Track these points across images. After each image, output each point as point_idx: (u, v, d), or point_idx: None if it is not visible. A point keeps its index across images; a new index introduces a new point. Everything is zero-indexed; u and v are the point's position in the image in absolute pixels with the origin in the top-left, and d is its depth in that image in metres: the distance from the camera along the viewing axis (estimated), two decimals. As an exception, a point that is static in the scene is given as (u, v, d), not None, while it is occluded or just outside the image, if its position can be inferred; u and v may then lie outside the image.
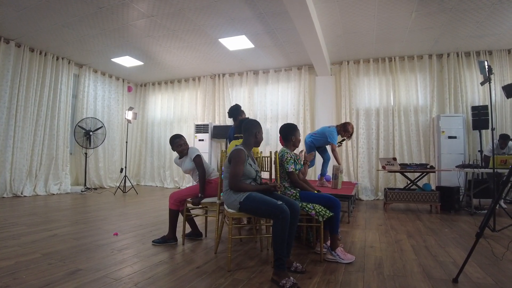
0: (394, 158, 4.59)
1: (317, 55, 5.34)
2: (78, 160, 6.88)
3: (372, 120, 6.14)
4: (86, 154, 6.72)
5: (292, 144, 2.59)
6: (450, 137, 5.36)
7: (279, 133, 2.66)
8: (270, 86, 6.97)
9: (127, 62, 6.63)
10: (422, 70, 5.93)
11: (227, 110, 3.64)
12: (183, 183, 7.49)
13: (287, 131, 2.59)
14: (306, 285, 1.84)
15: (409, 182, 4.77)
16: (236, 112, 3.55)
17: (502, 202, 4.43)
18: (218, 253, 2.45)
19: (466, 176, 4.78)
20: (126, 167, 6.71)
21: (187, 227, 2.87)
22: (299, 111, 6.59)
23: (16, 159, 5.51)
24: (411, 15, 4.38)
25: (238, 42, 5.45)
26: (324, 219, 2.25)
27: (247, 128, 2.27)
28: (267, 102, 6.99)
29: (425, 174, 4.93)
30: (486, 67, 3.13)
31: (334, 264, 2.21)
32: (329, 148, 4.53)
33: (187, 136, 7.08)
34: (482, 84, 3.29)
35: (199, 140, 7.07)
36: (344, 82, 6.30)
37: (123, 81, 7.99)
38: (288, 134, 2.58)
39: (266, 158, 2.79)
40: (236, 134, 3.34)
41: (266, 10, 4.30)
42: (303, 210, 2.31)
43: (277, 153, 2.53)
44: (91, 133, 6.71)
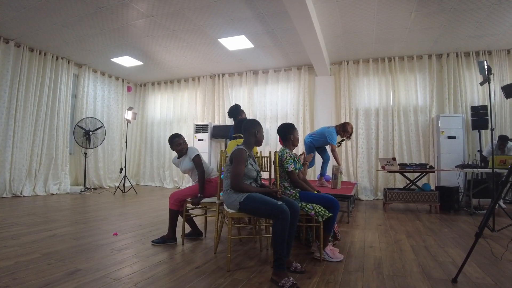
0: (394, 158, 4.60)
1: (316, 55, 5.34)
2: (78, 160, 6.88)
3: (371, 120, 6.15)
4: (85, 154, 6.72)
5: (291, 143, 2.59)
6: (449, 137, 5.36)
7: (277, 133, 2.66)
8: (270, 86, 6.97)
9: (127, 62, 6.62)
10: (421, 70, 5.93)
11: (227, 110, 3.64)
12: (183, 183, 7.48)
13: (286, 131, 2.59)
14: (306, 285, 1.84)
15: (408, 182, 4.78)
16: (236, 112, 3.55)
17: (501, 202, 4.43)
18: (217, 253, 2.45)
19: (465, 176, 4.79)
20: (125, 167, 6.70)
21: (187, 227, 2.88)
22: (299, 111, 6.59)
23: (15, 159, 5.51)
24: (411, 15, 4.39)
25: (237, 42, 5.45)
26: (323, 219, 2.26)
27: (247, 128, 2.27)
28: (267, 102, 6.99)
29: (424, 174, 4.93)
30: (486, 67, 3.13)
31: (333, 264, 2.21)
32: (328, 148, 4.53)
33: (187, 136, 7.08)
34: (482, 84, 3.29)
35: (199, 140, 7.07)
36: (343, 82, 6.30)
37: (123, 81, 7.99)
38: (286, 134, 2.58)
39: (265, 158, 2.79)
40: (235, 134, 3.34)
41: (265, 10, 4.30)
42: (303, 210, 2.31)
43: (276, 153, 2.53)
44: (91, 133, 6.71)
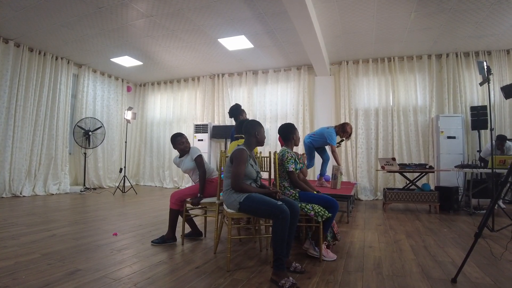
0: (393, 158, 4.60)
1: (316, 55, 5.34)
2: (77, 160, 6.88)
3: (371, 120, 6.15)
4: (85, 154, 6.72)
5: (293, 143, 2.60)
6: (449, 137, 5.37)
7: (278, 133, 2.66)
8: (270, 86, 6.97)
9: (127, 62, 6.62)
10: (421, 70, 5.94)
11: (227, 110, 3.64)
12: (183, 183, 7.48)
13: (287, 131, 2.59)
14: (305, 285, 1.84)
15: (408, 182, 4.78)
16: (236, 111, 3.55)
17: (501, 202, 4.43)
18: (217, 253, 2.45)
19: (465, 176, 4.79)
20: (125, 167, 6.70)
21: (187, 227, 2.88)
22: (298, 111, 6.59)
23: (15, 159, 5.50)
24: (410, 16, 4.39)
25: (237, 42, 5.45)
26: (323, 220, 2.26)
27: (247, 129, 2.28)
28: (267, 102, 6.99)
29: (424, 174, 4.94)
30: (485, 68, 3.13)
31: (333, 264, 2.22)
32: (328, 148, 4.53)
33: (187, 136, 7.05)
34: (481, 84, 3.29)
35: (198, 140, 7.06)
36: (343, 82, 6.30)
37: (123, 81, 7.98)
38: (288, 134, 2.59)
39: (265, 158, 2.80)
40: (236, 134, 3.35)
41: (265, 10, 4.30)
42: (302, 210, 2.31)
43: (276, 153, 2.53)
44: (90, 133, 6.70)
